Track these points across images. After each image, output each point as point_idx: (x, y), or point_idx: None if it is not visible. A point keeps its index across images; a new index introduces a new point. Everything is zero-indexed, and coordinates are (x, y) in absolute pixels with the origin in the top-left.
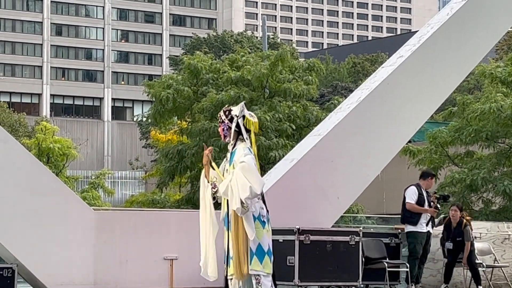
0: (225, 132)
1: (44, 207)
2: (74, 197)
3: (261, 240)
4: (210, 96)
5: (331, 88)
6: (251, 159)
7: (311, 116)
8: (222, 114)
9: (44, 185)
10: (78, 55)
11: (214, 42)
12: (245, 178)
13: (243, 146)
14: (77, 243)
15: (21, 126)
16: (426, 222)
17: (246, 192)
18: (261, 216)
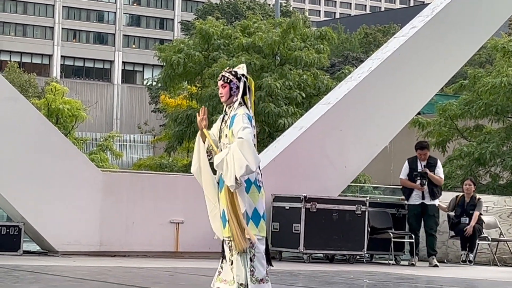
0: (234, 91)
1: (53, 167)
2: (83, 158)
3: (257, 205)
4: (221, 61)
5: (342, 58)
6: (249, 134)
7: (321, 85)
8: (229, 74)
9: (53, 145)
10: (90, 17)
11: (226, 8)
12: (242, 155)
13: (243, 112)
14: (84, 203)
15: (31, 87)
16: (421, 194)
17: (242, 169)
18: (257, 180)
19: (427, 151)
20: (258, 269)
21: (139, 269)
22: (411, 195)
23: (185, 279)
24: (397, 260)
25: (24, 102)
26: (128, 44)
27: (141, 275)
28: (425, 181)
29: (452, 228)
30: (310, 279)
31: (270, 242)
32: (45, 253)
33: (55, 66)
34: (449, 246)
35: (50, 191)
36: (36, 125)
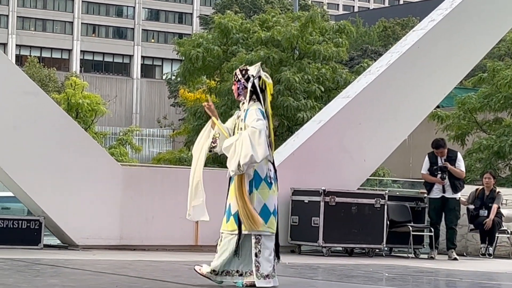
0: (240, 91)
1: (73, 161)
2: (102, 152)
3: (267, 201)
4: (239, 55)
5: (361, 52)
6: (262, 125)
7: (340, 79)
8: (239, 73)
9: (73, 139)
10: (109, 12)
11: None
12: (251, 144)
13: (256, 107)
14: (104, 198)
15: (51, 81)
16: (442, 188)
17: (246, 158)
18: (267, 177)
19: (443, 149)
20: (263, 265)
21: (159, 262)
22: (432, 189)
23: None
24: (416, 254)
25: (44, 97)
26: (147, 38)
27: (161, 269)
28: (445, 175)
29: (472, 221)
30: (329, 273)
31: (289, 236)
32: (65, 247)
33: (74, 60)
34: (468, 239)
35: (70, 185)
36: (56, 120)
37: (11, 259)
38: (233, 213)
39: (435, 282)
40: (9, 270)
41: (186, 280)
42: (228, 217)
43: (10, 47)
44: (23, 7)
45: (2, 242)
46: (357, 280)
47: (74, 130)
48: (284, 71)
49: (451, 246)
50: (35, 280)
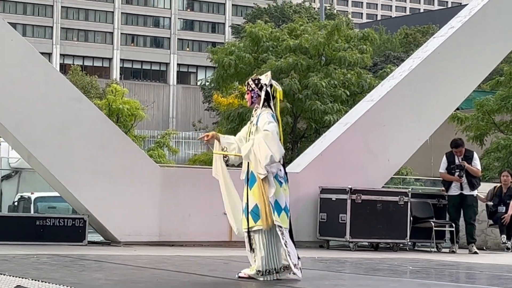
0: (254, 99)
1: (114, 163)
2: (142, 154)
3: (278, 197)
4: (269, 62)
5: (384, 57)
6: (274, 127)
7: (365, 83)
8: (252, 83)
9: (115, 142)
10: (146, 22)
11: (274, 12)
12: (267, 146)
13: (267, 112)
14: (144, 197)
15: (93, 88)
16: (460, 186)
17: (267, 159)
18: (278, 176)
19: (462, 148)
20: (292, 254)
21: (196, 257)
22: (451, 187)
23: (239, 267)
24: (439, 248)
25: (87, 103)
26: (182, 47)
27: (198, 263)
28: (462, 173)
29: (490, 217)
30: (356, 266)
31: (318, 232)
32: (108, 243)
33: (115, 68)
34: (487, 234)
35: (113, 185)
36: (98, 124)
37: (57, 255)
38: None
39: (457, 274)
40: (56, 265)
41: (221, 274)
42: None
43: (54, 56)
44: (66, 19)
45: (49, 239)
46: (383, 273)
47: (115, 134)
48: (312, 77)
49: (471, 241)
50: (81, 274)
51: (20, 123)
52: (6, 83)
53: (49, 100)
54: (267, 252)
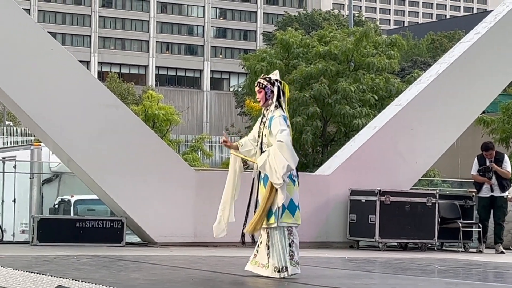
0: (268, 95)
1: (151, 166)
2: (177, 158)
3: (293, 196)
4: (300, 68)
5: (411, 63)
6: (287, 135)
7: (393, 88)
8: (263, 81)
9: (151, 147)
10: (181, 30)
11: (304, 20)
12: (283, 156)
13: (279, 114)
14: (179, 199)
15: (129, 94)
16: (490, 188)
17: (284, 169)
18: (292, 175)
19: (492, 151)
20: (296, 253)
21: (230, 257)
22: (482, 189)
23: None
24: (466, 248)
25: (124, 109)
26: (215, 54)
27: (232, 263)
28: (491, 175)
29: None
30: (385, 266)
31: (348, 232)
32: (145, 244)
33: (150, 75)
34: None
35: (149, 188)
36: (135, 129)
37: (96, 256)
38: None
39: (484, 273)
40: (95, 266)
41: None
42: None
43: (92, 64)
44: (104, 28)
45: (88, 241)
46: (412, 273)
47: (152, 138)
48: (341, 82)
49: (499, 241)
50: (119, 274)
51: (60, 128)
52: (47, 91)
53: (88, 107)
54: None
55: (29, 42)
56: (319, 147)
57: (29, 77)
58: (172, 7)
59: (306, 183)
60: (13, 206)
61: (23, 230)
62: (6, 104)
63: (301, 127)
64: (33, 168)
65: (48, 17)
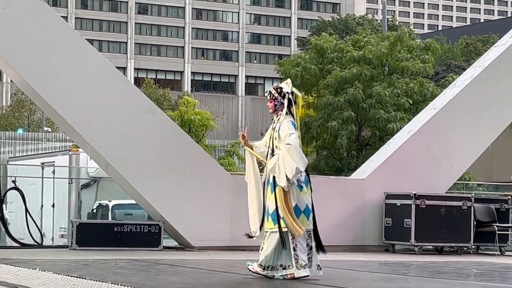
0: (278, 107)
1: (187, 171)
2: (213, 163)
3: (298, 201)
4: (334, 73)
5: (445, 67)
6: (295, 139)
7: (427, 92)
8: (274, 92)
9: (187, 152)
10: (215, 36)
11: (338, 25)
12: (291, 159)
13: (288, 120)
14: (216, 203)
15: (165, 100)
16: None
17: (292, 171)
18: (299, 181)
19: None
20: (301, 257)
21: None
22: None
23: None
24: (502, 251)
25: (161, 114)
26: (250, 59)
27: None
28: None
29: None
30: (421, 269)
31: (384, 236)
32: (182, 248)
33: (186, 81)
34: None
35: (186, 193)
36: (172, 134)
37: (134, 260)
38: (271, 213)
39: None
40: (133, 270)
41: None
42: (267, 217)
43: (129, 70)
44: (140, 35)
45: (126, 245)
46: (448, 276)
47: (188, 143)
48: (375, 86)
49: None
50: (157, 278)
51: (98, 134)
52: (84, 97)
53: (125, 112)
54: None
55: (67, 49)
56: (354, 151)
57: (68, 83)
58: (207, 13)
59: (341, 187)
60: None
61: (62, 235)
62: (45, 111)
63: (336, 131)
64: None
65: (86, 24)
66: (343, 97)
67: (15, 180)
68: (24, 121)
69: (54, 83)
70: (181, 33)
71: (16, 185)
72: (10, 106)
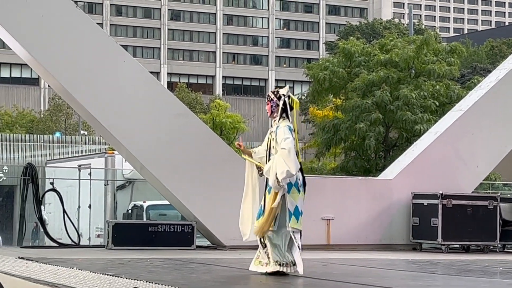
0: (273, 108)
1: (219, 172)
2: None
3: (297, 203)
4: (362, 76)
5: (471, 69)
6: (290, 144)
7: (453, 94)
8: (271, 94)
9: (219, 153)
10: (246, 41)
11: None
12: (284, 162)
13: (285, 125)
14: None
15: (197, 104)
16: None
17: (283, 173)
18: (297, 184)
19: None
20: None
21: None
22: None
23: (337, 268)
24: None
25: (193, 117)
26: (279, 63)
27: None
28: None
29: None
30: (448, 267)
31: (411, 235)
32: (214, 247)
33: (217, 85)
34: None
35: (218, 193)
36: (204, 137)
37: (168, 259)
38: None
39: None
40: (167, 268)
41: (320, 276)
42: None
43: (162, 75)
44: (173, 40)
45: (161, 244)
46: (474, 274)
47: (220, 146)
48: (402, 89)
49: None
50: (190, 276)
51: (132, 137)
52: (119, 101)
53: (158, 116)
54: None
55: (102, 55)
56: (381, 152)
57: (103, 88)
58: (238, 19)
59: (370, 188)
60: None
61: (98, 235)
62: (82, 115)
63: (364, 133)
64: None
65: (120, 30)
66: (370, 100)
67: (53, 182)
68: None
69: (90, 88)
70: (212, 39)
71: (54, 187)
72: (48, 111)
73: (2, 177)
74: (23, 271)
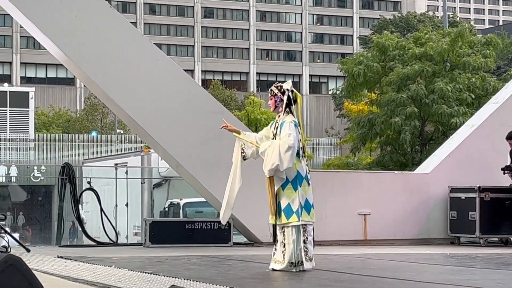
0: (277, 103)
1: (255, 169)
2: None
3: (308, 196)
4: (396, 70)
5: (507, 61)
6: (292, 141)
7: (489, 86)
8: (275, 89)
9: None
10: (279, 37)
11: (399, 23)
12: (279, 154)
13: (290, 120)
14: None
15: (232, 100)
16: None
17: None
18: (307, 177)
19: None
20: (310, 249)
21: (334, 255)
22: None
23: (375, 264)
24: None
25: (228, 114)
26: (313, 59)
27: (336, 261)
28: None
29: None
30: (487, 261)
31: (449, 229)
32: (251, 244)
33: (252, 82)
34: None
35: (254, 191)
36: None
37: (206, 256)
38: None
39: None
40: (205, 266)
41: (358, 271)
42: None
43: (196, 73)
44: (206, 38)
45: (198, 242)
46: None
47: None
48: (437, 82)
49: None
50: (228, 273)
51: (168, 135)
52: (155, 99)
53: (193, 113)
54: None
55: (137, 54)
56: (417, 146)
57: (138, 87)
58: (271, 15)
59: (406, 182)
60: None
61: (135, 233)
62: (118, 114)
63: (400, 127)
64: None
65: (154, 29)
66: (405, 94)
67: (90, 181)
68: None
69: (125, 87)
70: (246, 35)
71: (91, 186)
72: (84, 110)
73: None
74: (62, 270)
